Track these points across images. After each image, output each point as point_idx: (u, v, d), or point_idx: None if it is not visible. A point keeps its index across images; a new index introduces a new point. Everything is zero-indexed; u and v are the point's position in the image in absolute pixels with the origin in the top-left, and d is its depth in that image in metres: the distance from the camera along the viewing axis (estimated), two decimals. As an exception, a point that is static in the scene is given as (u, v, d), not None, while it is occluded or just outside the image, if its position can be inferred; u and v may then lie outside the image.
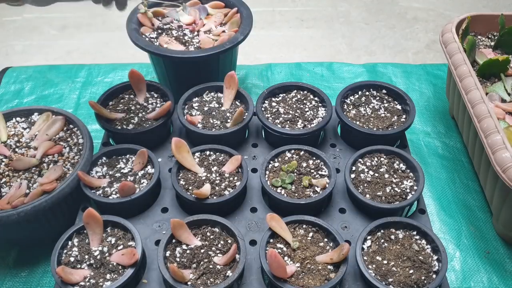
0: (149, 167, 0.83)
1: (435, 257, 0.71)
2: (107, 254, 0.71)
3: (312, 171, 0.82)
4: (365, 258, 0.71)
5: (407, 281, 0.68)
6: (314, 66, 1.24)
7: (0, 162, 0.81)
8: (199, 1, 1.10)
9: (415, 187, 0.80)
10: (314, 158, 0.84)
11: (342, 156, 0.90)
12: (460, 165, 1.00)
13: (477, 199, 0.93)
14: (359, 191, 0.79)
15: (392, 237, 0.74)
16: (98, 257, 0.70)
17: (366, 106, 0.93)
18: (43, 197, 0.74)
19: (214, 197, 0.77)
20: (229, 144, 0.85)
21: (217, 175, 0.81)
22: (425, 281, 0.68)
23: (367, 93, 0.96)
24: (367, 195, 0.79)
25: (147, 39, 1.01)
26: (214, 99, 0.94)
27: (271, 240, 0.73)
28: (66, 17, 1.62)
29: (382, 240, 0.73)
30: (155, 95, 0.95)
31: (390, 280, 0.68)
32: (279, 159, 0.84)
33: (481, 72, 0.95)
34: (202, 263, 0.69)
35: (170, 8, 1.07)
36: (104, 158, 0.84)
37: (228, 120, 0.90)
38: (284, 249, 0.72)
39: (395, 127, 0.89)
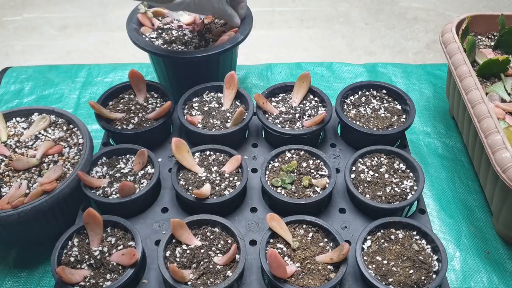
0: (149, 167, 0.83)
1: (435, 257, 0.71)
2: (107, 254, 0.71)
3: (312, 171, 0.82)
4: (365, 258, 0.71)
5: (407, 281, 0.68)
6: (314, 66, 1.24)
7: (0, 162, 0.81)
8: (199, 1, 1.10)
9: (415, 187, 0.80)
10: (314, 158, 0.84)
11: (342, 156, 0.90)
12: (460, 165, 1.00)
13: (477, 199, 0.93)
14: (359, 191, 0.79)
15: (392, 237, 0.74)
16: (98, 257, 0.70)
17: (366, 106, 0.93)
18: (43, 197, 0.74)
19: (214, 197, 0.77)
20: (229, 144, 0.85)
21: (217, 175, 0.81)
22: (425, 281, 0.68)
23: (367, 93, 0.96)
24: (367, 195, 0.79)
25: (147, 39, 1.01)
26: (214, 99, 0.94)
27: (271, 240, 0.73)
28: (66, 17, 1.61)
29: (382, 240, 0.73)
30: (155, 95, 0.95)
31: (390, 280, 0.69)
32: (279, 159, 0.84)
33: (481, 72, 0.95)
34: (202, 263, 0.69)
35: (170, 8, 1.07)
36: (104, 158, 0.84)
37: (228, 120, 0.90)
38: (284, 249, 0.72)
39: (395, 127, 0.89)
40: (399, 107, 0.93)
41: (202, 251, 0.71)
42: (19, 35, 1.56)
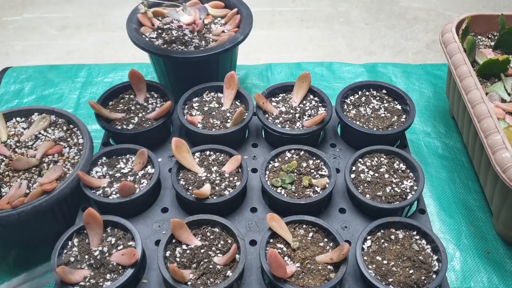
0: (149, 167, 0.83)
1: (435, 257, 0.71)
2: (107, 254, 0.71)
3: (312, 171, 0.82)
4: (365, 258, 0.71)
5: (407, 281, 0.68)
6: (314, 66, 1.24)
7: (0, 162, 0.81)
8: (199, 1, 1.10)
9: (415, 187, 0.80)
10: (314, 158, 0.84)
11: (342, 156, 0.90)
12: (460, 165, 1.00)
13: (477, 199, 0.93)
14: (359, 191, 0.79)
15: (392, 237, 0.74)
16: (98, 257, 0.70)
17: (366, 106, 0.93)
18: (43, 197, 0.74)
19: (214, 197, 0.77)
20: (229, 144, 0.85)
21: (217, 175, 0.81)
22: (425, 281, 0.68)
23: (367, 93, 0.96)
24: (367, 195, 0.79)
25: (147, 39, 1.01)
26: (214, 99, 0.94)
27: (271, 240, 0.73)
28: (66, 17, 1.62)
29: (382, 240, 0.73)
30: (155, 95, 0.95)
31: (390, 280, 0.69)
32: (279, 159, 0.84)
33: (481, 72, 0.95)
34: (202, 263, 0.69)
35: (170, 8, 1.07)
36: (104, 158, 0.84)
37: (228, 120, 0.90)
38: (284, 249, 0.72)
39: (395, 127, 0.89)
40: (399, 107, 0.93)
41: (202, 251, 0.71)
42: (19, 35, 1.56)
